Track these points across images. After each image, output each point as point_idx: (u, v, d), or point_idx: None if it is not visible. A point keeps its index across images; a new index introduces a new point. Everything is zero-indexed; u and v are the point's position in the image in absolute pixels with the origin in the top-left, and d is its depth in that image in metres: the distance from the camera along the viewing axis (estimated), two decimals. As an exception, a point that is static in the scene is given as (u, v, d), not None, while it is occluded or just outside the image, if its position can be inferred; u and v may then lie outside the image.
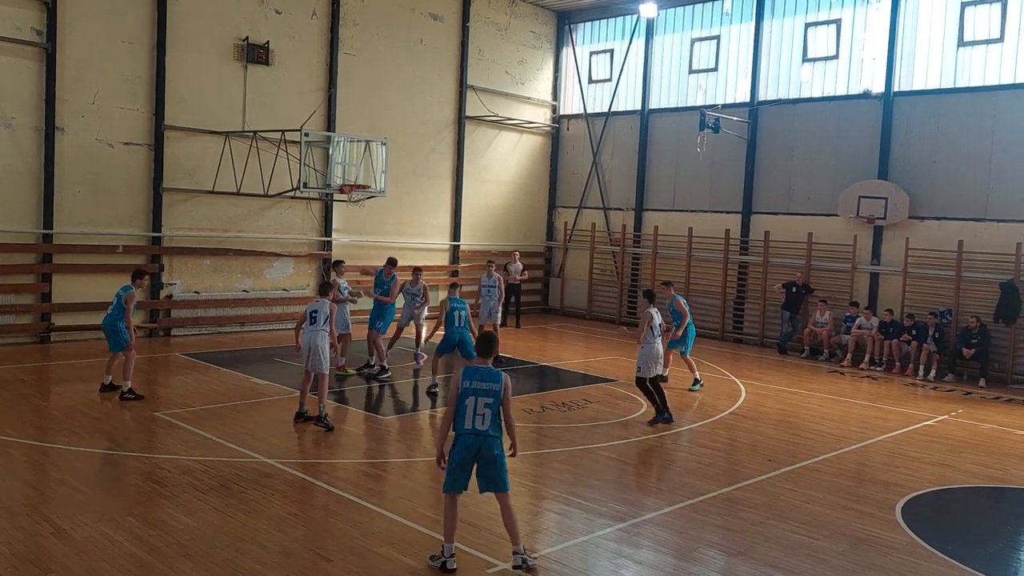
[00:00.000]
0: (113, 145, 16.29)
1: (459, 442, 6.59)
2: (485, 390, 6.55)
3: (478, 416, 6.53)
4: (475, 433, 6.54)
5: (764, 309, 19.98)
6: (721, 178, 21.07)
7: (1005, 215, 16.71)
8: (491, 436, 6.58)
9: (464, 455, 6.57)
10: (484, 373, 6.62)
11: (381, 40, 20.14)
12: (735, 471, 9.84)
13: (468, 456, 6.57)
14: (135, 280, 12.18)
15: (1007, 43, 16.80)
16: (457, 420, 6.59)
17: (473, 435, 6.54)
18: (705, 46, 21.63)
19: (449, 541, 6.62)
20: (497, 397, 6.57)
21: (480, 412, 6.54)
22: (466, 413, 6.54)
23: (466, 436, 6.55)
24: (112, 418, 10.76)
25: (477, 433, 6.54)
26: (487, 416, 6.54)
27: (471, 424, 6.54)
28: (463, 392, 6.58)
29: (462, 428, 6.57)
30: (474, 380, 6.59)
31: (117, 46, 16.14)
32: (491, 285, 16.55)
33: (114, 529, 7.10)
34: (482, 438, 6.55)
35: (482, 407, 6.54)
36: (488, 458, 6.58)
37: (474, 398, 6.54)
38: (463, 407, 6.56)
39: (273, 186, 17.13)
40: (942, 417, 13.04)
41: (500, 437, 6.65)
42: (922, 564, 7.18)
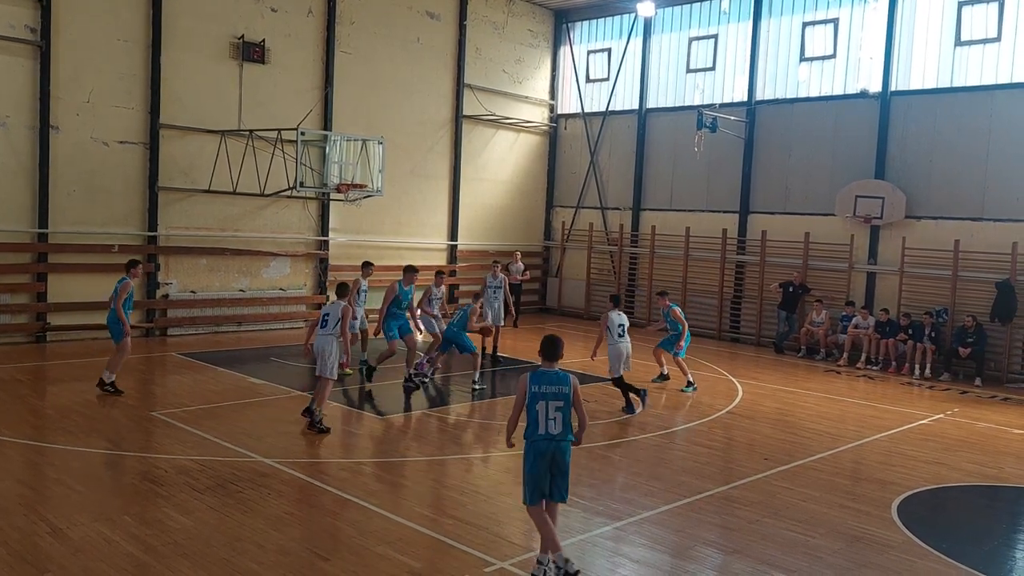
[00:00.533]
0: (108, 144, 16.25)
1: (533, 449, 6.48)
2: (554, 393, 6.47)
3: (550, 420, 6.44)
4: (549, 438, 6.45)
5: (761, 308, 19.99)
6: (718, 178, 21.08)
7: (1001, 215, 16.73)
8: (564, 442, 6.49)
9: (540, 463, 6.45)
10: (552, 376, 6.55)
11: (378, 38, 20.11)
12: (732, 470, 9.84)
13: (544, 463, 6.45)
14: (129, 270, 12.14)
15: (1004, 43, 16.83)
16: (529, 427, 6.50)
17: (547, 440, 6.45)
18: (703, 45, 21.64)
19: (555, 550, 6.38)
20: (567, 400, 6.49)
21: (552, 416, 6.45)
22: (539, 419, 6.45)
23: (540, 442, 6.45)
24: (108, 418, 10.74)
25: (551, 438, 6.45)
26: (559, 420, 6.46)
27: (544, 430, 6.45)
28: (532, 396, 6.48)
29: (535, 435, 6.47)
30: (542, 384, 6.50)
31: (112, 44, 16.11)
32: (497, 286, 16.48)
33: (111, 529, 7.09)
34: (555, 443, 6.46)
35: (553, 411, 6.44)
36: (560, 469, 6.49)
37: (544, 403, 6.46)
38: (535, 412, 6.46)
39: (269, 185, 17.10)
40: (938, 416, 13.06)
41: (570, 442, 6.57)
42: (918, 562, 7.19)
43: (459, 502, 8.19)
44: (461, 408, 12.59)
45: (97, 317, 16.15)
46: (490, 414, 12.11)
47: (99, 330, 16.15)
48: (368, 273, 14.59)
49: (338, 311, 10.53)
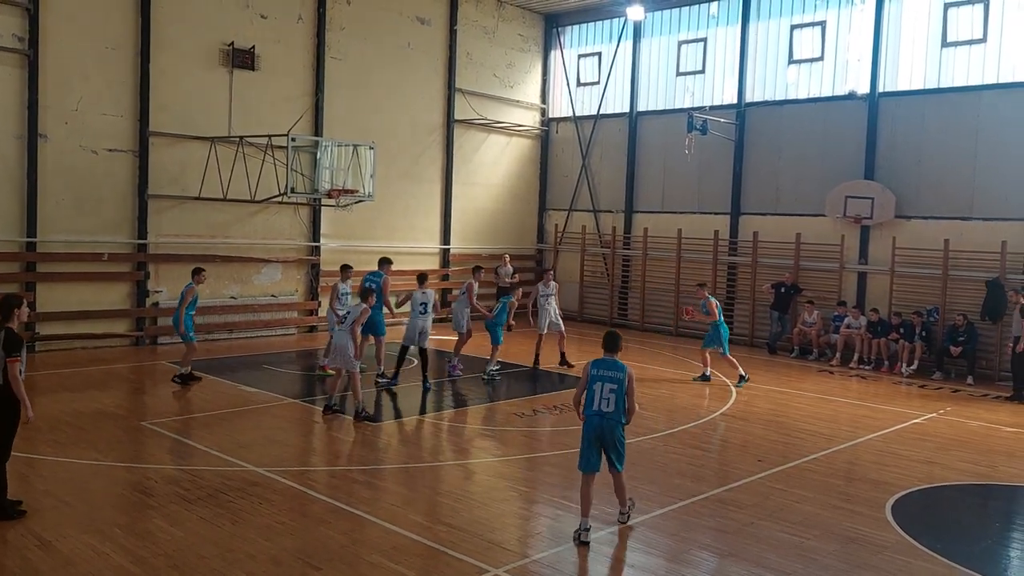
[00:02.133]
0: (97, 152, 16.18)
1: (586, 424, 7.53)
2: (610, 377, 7.46)
3: (604, 400, 7.43)
4: (600, 414, 7.43)
5: (753, 309, 20.02)
6: (709, 179, 21.12)
7: (990, 214, 16.79)
8: (615, 419, 7.45)
9: (590, 434, 7.48)
10: (610, 364, 7.57)
11: (368, 44, 20.09)
12: (726, 472, 9.83)
13: (594, 435, 7.45)
14: (194, 276, 13.27)
15: (990, 43, 16.90)
16: (586, 404, 7.55)
17: (598, 416, 7.44)
18: (692, 48, 21.68)
19: (585, 515, 7.39)
20: (621, 384, 7.45)
21: (606, 396, 7.43)
22: (594, 397, 7.47)
23: (592, 417, 7.48)
24: (98, 429, 10.65)
25: (602, 415, 7.42)
26: (611, 400, 7.42)
27: (597, 406, 7.45)
28: (591, 379, 7.53)
29: (589, 410, 7.51)
30: (601, 369, 7.54)
31: (100, 52, 16.04)
32: (549, 293, 16.38)
33: (100, 541, 7.03)
34: (606, 419, 7.42)
35: (607, 392, 7.43)
36: (611, 443, 7.48)
37: (600, 384, 7.47)
38: (591, 392, 7.50)
39: (260, 192, 17.05)
40: (931, 415, 13.09)
41: (623, 422, 7.53)
42: (912, 562, 7.19)
43: (453, 509, 8.16)
44: (453, 414, 12.55)
45: (87, 326, 16.11)
46: (482, 419, 12.07)
47: (89, 339, 16.12)
48: (347, 276, 14.56)
49: (357, 311, 11.37)
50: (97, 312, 16.25)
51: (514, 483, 9.23)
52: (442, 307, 18.10)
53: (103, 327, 16.37)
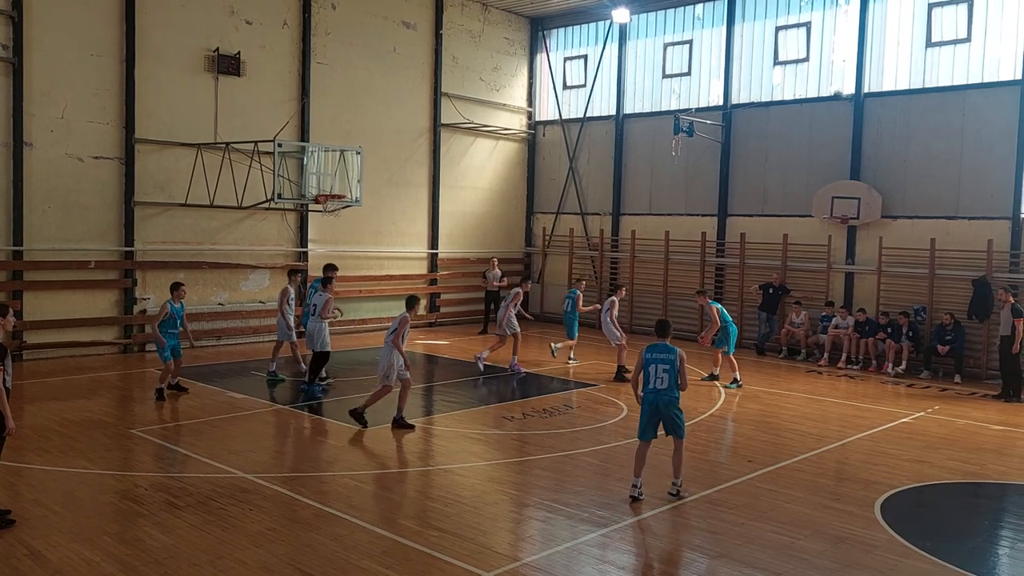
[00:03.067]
0: (83, 159, 16.10)
1: (644, 400, 8.69)
2: (662, 359, 8.60)
3: (657, 379, 8.59)
4: (655, 391, 8.59)
5: (742, 310, 20.08)
6: (696, 181, 21.19)
7: (976, 212, 16.92)
8: (670, 394, 8.57)
9: (648, 410, 8.63)
10: (661, 347, 8.72)
11: (354, 49, 20.08)
12: (716, 473, 9.85)
13: (651, 410, 8.60)
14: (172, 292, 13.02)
15: (974, 43, 17.04)
16: (643, 383, 8.68)
17: (653, 393, 8.60)
18: (678, 50, 21.76)
19: (637, 476, 8.56)
20: (672, 365, 8.57)
21: (659, 376, 8.58)
22: (649, 377, 8.62)
23: (648, 394, 8.64)
24: (87, 437, 10.59)
25: (657, 391, 8.58)
26: (665, 379, 8.57)
27: (652, 384, 8.61)
28: (646, 362, 8.69)
29: (646, 388, 8.65)
30: (654, 352, 8.69)
31: (85, 59, 15.97)
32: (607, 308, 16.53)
33: (90, 549, 6.99)
34: (660, 395, 8.57)
35: (660, 372, 8.58)
36: (667, 415, 8.60)
37: (654, 366, 8.62)
38: (647, 373, 8.64)
39: (247, 198, 17.01)
40: (919, 414, 13.16)
41: (678, 396, 8.62)
42: (902, 561, 7.23)
43: (444, 513, 8.15)
44: (443, 419, 12.54)
45: (74, 334, 16.02)
46: (473, 423, 12.06)
47: (76, 347, 16.03)
48: (294, 280, 14.88)
49: (396, 321, 11.44)
50: (85, 320, 16.17)
51: (505, 487, 9.23)
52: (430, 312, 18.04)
53: (91, 335, 16.29)
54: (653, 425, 8.66)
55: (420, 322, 21.93)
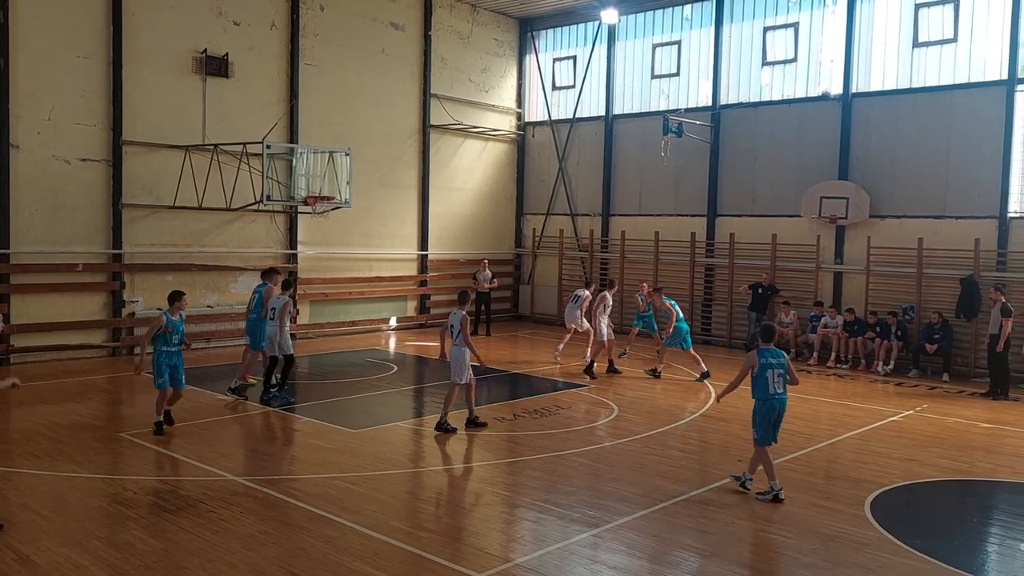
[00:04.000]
0: (70, 162, 16.01)
1: (765, 405, 8.72)
2: (777, 363, 8.71)
3: (776, 383, 8.68)
4: (775, 397, 8.70)
5: (731, 310, 20.14)
6: (686, 182, 21.24)
7: (963, 212, 17.02)
8: (785, 398, 8.82)
9: (771, 415, 8.72)
10: (775, 352, 8.81)
11: (342, 50, 20.04)
12: (707, 473, 9.88)
13: (774, 415, 8.71)
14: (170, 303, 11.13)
15: (960, 43, 17.14)
16: (760, 389, 8.72)
17: (776, 399, 8.71)
18: (667, 51, 21.81)
19: (773, 478, 8.65)
20: (784, 368, 8.75)
21: (775, 381, 8.68)
22: (768, 383, 8.68)
23: (771, 400, 8.68)
24: (76, 440, 10.53)
25: (777, 396, 8.71)
26: (781, 382, 8.71)
27: (773, 390, 8.67)
28: (762, 367, 8.71)
29: (766, 394, 8.70)
30: (768, 358, 8.73)
31: (72, 61, 15.88)
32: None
33: (79, 554, 6.94)
34: (780, 400, 8.73)
35: (776, 376, 8.68)
36: (781, 418, 8.81)
37: (772, 371, 8.67)
38: (765, 378, 8.69)
39: (236, 199, 16.95)
40: (908, 412, 13.22)
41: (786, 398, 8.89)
42: (892, 559, 7.26)
43: (434, 514, 8.14)
44: (434, 420, 12.51)
45: (62, 337, 15.92)
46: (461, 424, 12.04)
47: (65, 351, 15.94)
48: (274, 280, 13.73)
49: (457, 320, 11.28)
50: (73, 323, 16.07)
51: (496, 487, 9.22)
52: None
53: (79, 338, 16.20)
54: (774, 427, 8.77)
55: (410, 324, 21.92)
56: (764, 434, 8.75)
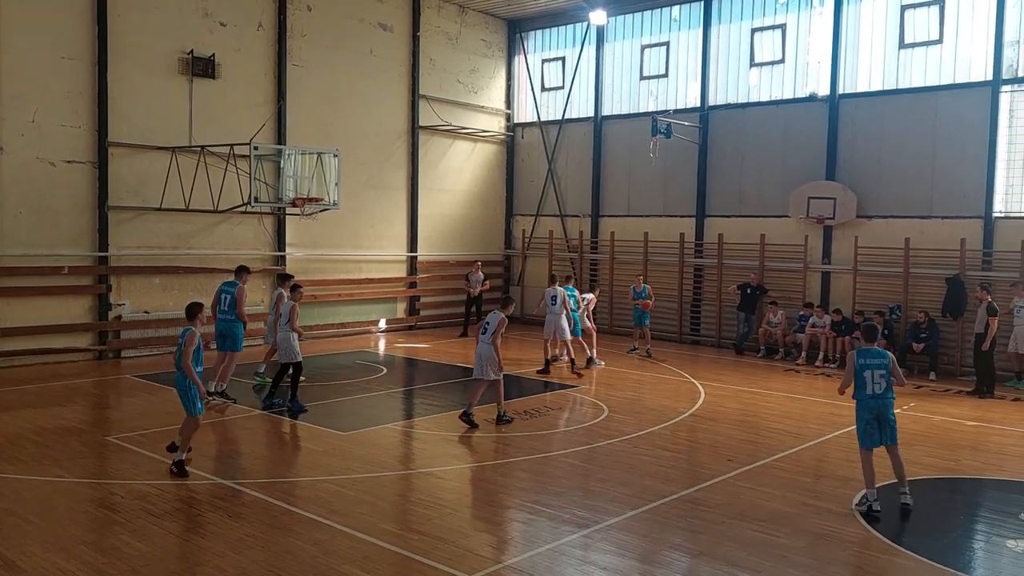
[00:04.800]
0: (55, 163, 15.90)
1: (863, 405, 8.60)
2: (877, 364, 8.60)
3: (876, 384, 8.57)
4: (875, 396, 8.55)
5: (720, 310, 20.19)
6: (674, 182, 21.29)
7: (949, 212, 17.12)
8: (888, 398, 8.58)
9: (868, 415, 8.56)
10: (875, 352, 8.71)
11: (330, 51, 19.99)
12: (696, 472, 9.90)
13: (872, 415, 8.55)
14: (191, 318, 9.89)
15: (946, 44, 17.25)
16: (859, 389, 8.60)
17: (873, 398, 8.56)
18: (655, 52, 21.86)
19: (870, 487, 8.39)
20: (887, 368, 8.59)
21: (877, 381, 8.57)
22: (866, 383, 8.56)
23: (868, 400, 8.57)
24: (62, 445, 10.45)
25: (876, 396, 8.55)
26: (882, 383, 8.57)
27: (871, 390, 8.57)
28: (860, 367, 8.59)
29: (864, 394, 8.59)
30: (868, 358, 8.65)
31: (57, 62, 15.78)
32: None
33: (65, 559, 6.89)
34: (881, 400, 8.55)
35: (878, 377, 8.57)
36: (887, 419, 8.54)
37: (871, 371, 8.57)
38: (862, 378, 8.57)
39: (223, 201, 16.87)
40: (895, 411, 13.24)
41: (894, 399, 8.63)
42: (880, 557, 7.29)
43: (424, 516, 8.12)
44: (423, 422, 12.50)
45: (48, 341, 15.80)
46: (452, 426, 12.03)
47: (50, 354, 15.82)
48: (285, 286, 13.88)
49: (495, 321, 11.69)
50: (58, 326, 15.96)
51: (486, 489, 9.21)
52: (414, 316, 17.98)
53: (65, 341, 16.08)
54: (875, 429, 8.61)
55: (399, 325, 21.88)
56: (862, 436, 8.61)
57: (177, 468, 9.14)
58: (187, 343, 9.05)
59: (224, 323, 12.88)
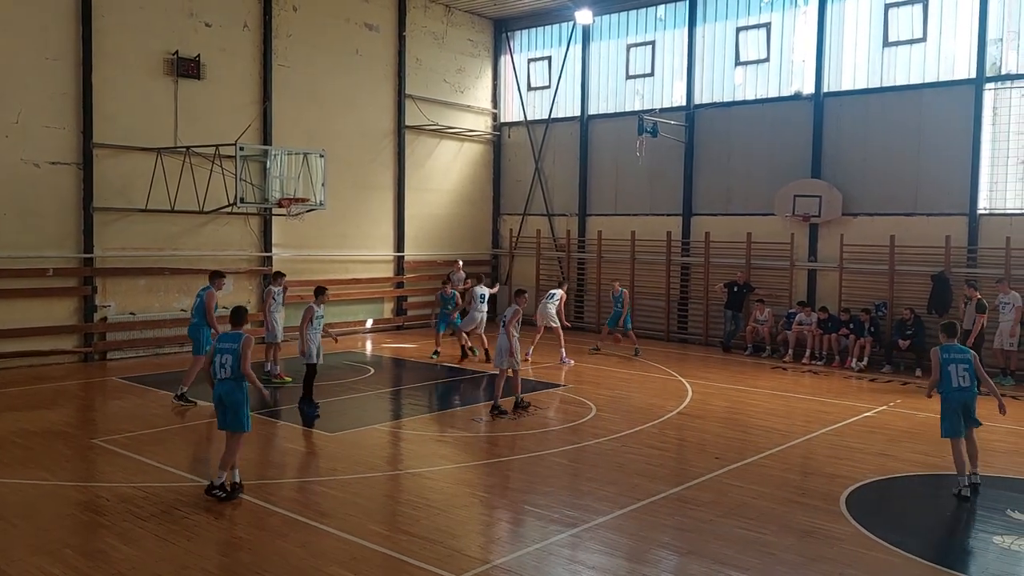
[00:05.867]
0: (39, 165, 15.79)
1: (950, 398, 9.01)
2: (960, 359, 9.03)
3: (960, 377, 8.98)
4: (960, 390, 8.97)
5: (707, 309, 20.25)
6: (661, 181, 21.33)
7: (934, 209, 17.22)
8: (973, 392, 9.02)
9: (957, 407, 8.99)
10: (957, 348, 9.14)
11: (316, 51, 19.92)
12: (684, 471, 9.92)
13: (959, 407, 8.99)
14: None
15: (929, 42, 17.36)
16: (944, 383, 9.03)
17: (959, 391, 8.97)
18: (641, 51, 21.90)
19: (962, 474, 8.94)
20: (970, 363, 9.04)
21: (960, 375, 8.97)
22: (951, 377, 9.00)
23: (954, 393, 8.99)
24: (47, 448, 10.38)
25: (962, 389, 8.97)
26: (967, 376, 8.98)
27: (956, 383, 8.97)
28: (944, 362, 9.04)
29: (950, 389, 9.00)
30: (952, 353, 9.07)
31: (41, 63, 15.66)
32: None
33: (51, 562, 6.84)
34: (967, 393, 8.98)
35: (961, 371, 8.98)
36: (970, 409, 9.06)
37: (955, 365, 9.01)
38: (947, 373, 9.01)
39: (209, 202, 16.79)
40: (881, 408, 13.35)
41: (977, 392, 9.07)
42: (867, 553, 7.32)
43: (412, 517, 8.10)
44: (411, 422, 12.48)
45: (33, 343, 15.69)
46: (440, 425, 12.02)
47: (35, 356, 15.71)
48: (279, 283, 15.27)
49: (509, 312, 12.43)
50: (43, 328, 15.84)
51: (474, 489, 9.21)
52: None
53: (50, 344, 15.97)
54: (960, 419, 9.02)
55: (386, 325, 21.83)
56: (948, 426, 9.09)
57: (232, 488, 8.47)
58: (244, 348, 8.45)
59: (191, 327, 12.90)
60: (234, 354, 8.45)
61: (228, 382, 8.48)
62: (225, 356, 8.50)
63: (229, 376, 8.47)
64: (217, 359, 8.54)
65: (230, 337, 8.61)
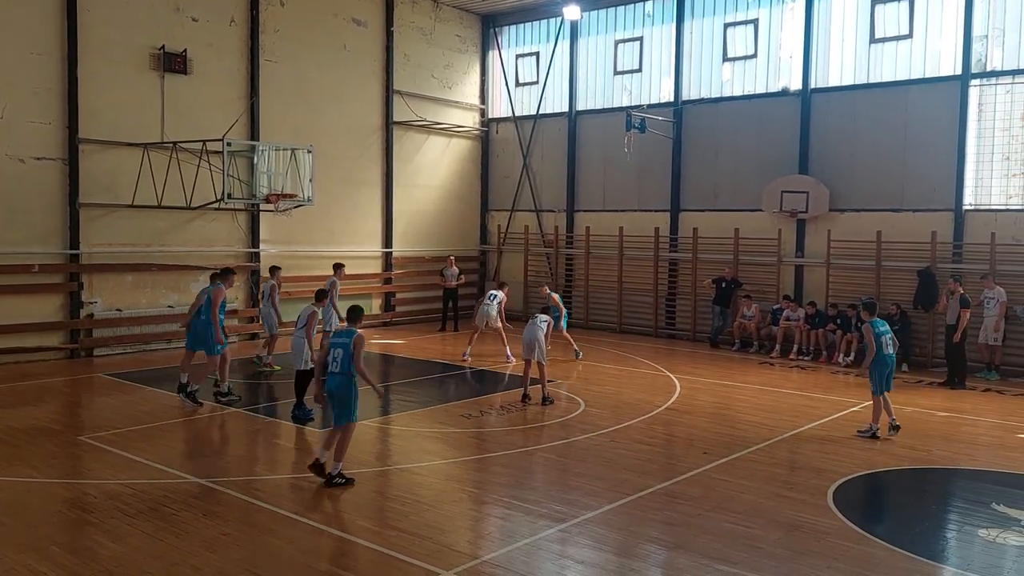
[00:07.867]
0: (25, 160, 15.66)
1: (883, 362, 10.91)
2: (886, 331, 10.93)
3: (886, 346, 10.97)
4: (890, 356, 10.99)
5: (695, 304, 20.31)
6: (649, 177, 21.36)
7: (920, 205, 17.33)
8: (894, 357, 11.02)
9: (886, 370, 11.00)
10: (881, 323, 11.02)
11: (304, 46, 19.84)
12: (673, 465, 9.96)
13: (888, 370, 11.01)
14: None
15: (916, 39, 17.44)
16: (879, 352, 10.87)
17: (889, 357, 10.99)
18: (629, 47, 21.91)
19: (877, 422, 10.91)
20: (891, 334, 11.04)
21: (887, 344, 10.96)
22: (883, 346, 10.84)
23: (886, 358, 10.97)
24: (33, 445, 10.32)
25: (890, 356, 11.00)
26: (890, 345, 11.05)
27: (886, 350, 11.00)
28: (877, 335, 10.79)
29: (882, 355, 10.86)
30: (880, 327, 10.74)
31: (26, 58, 15.53)
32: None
33: (38, 560, 6.81)
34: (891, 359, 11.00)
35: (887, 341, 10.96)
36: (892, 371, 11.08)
37: (884, 336, 10.90)
38: (880, 343, 10.82)
39: (196, 198, 16.70)
40: (868, 403, 13.37)
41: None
42: (854, 547, 7.37)
43: (401, 513, 8.10)
44: (400, 418, 12.47)
45: (18, 340, 15.58)
46: (429, 421, 12.02)
47: (21, 353, 15.60)
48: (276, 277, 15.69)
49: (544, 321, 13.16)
50: (29, 325, 15.73)
51: (463, 484, 9.22)
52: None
53: (36, 340, 15.86)
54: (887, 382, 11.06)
55: (375, 322, 21.79)
56: (879, 385, 10.94)
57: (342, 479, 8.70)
58: (357, 345, 8.70)
59: (199, 323, 12.72)
60: (345, 349, 8.70)
61: (339, 376, 8.74)
62: (337, 351, 8.75)
63: (339, 371, 8.72)
64: (330, 354, 8.81)
65: (344, 333, 8.90)
